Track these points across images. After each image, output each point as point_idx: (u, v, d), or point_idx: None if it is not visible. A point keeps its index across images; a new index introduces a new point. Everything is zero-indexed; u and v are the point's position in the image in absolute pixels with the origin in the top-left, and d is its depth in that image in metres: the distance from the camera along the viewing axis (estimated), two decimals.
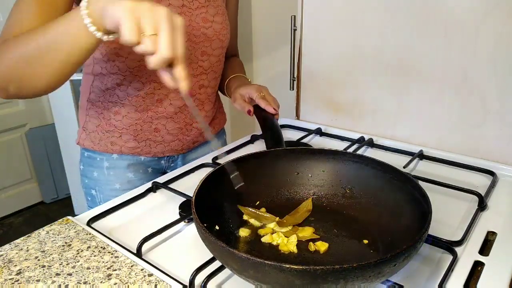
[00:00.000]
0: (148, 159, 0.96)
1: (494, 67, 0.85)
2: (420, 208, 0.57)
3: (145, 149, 0.94)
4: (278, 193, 0.72)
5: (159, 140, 0.94)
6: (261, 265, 0.45)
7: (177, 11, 0.83)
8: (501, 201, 0.76)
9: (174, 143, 0.95)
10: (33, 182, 2.49)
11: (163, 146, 0.95)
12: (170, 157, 0.99)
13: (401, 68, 0.97)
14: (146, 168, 0.98)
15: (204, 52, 0.90)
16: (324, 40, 1.09)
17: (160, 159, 0.98)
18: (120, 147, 0.93)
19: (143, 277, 0.56)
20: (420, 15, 0.91)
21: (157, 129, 0.92)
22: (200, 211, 0.55)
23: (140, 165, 0.97)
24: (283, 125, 1.14)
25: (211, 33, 0.89)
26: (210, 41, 0.90)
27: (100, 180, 0.96)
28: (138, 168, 0.97)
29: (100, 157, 0.95)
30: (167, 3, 0.82)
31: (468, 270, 0.57)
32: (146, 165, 0.98)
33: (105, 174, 0.95)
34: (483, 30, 0.84)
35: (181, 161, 1.02)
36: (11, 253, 0.62)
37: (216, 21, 0.89)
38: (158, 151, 0.95)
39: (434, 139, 0.97)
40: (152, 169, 0.99)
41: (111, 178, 0.96)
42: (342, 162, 0.71)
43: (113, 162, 0.95)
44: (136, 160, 0.96)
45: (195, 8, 0.86)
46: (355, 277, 0.45)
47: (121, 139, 0.92)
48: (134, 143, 0.93)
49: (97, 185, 0.97)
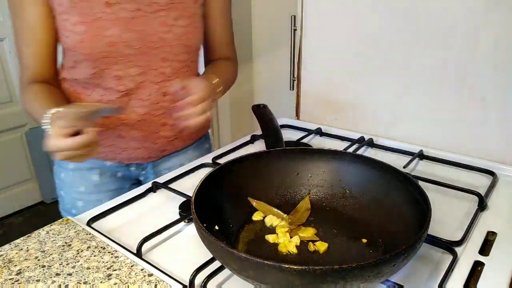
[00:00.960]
0: (115, 164, 0.94)
1: (494, 67, 0.85)
2: (420, 208, 0.57)
3: (110, 154, 0.91)
4: (278, 193, 0.72)
5: (123, 147, 0.91)
6: (261, 265, 0.45)
7: (129, 15, 0.79)
8: (501, 201, 0.76)
9: (140, 150, 0.92)
10: (33, 182, 2.49)
11: (128, 153, 0.91)
12: (139, 164, 0.96)
13: (401, 67, 0.97)
14: (113, 172, 0.95)
15: (164, 58, 0.85)
16: (324, 40, 1.09)
17: (128, 166, 0.95)
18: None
19: (143, 277, 0.57)
20: (421, 15, 0.91)
21: (121, 136, 0.89)
22: (200, 211, 0.55)
23: (106, 169, 0.94)
24: (283, 125, 1.14)
25: (170, 38, 0.83)
26: (170, 47, 0.84)
27: (67, 182, 0.95)
28: (104, 172, 0.94)
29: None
30: (119, 7, 0.78)
31: (468, 270, 0.57)
32: (113, 170, 0.95)
33: (70, 175, 0.93)
34: (483, 30, 0.84)
35: (152, 169, 0.98)
36: (11, 253, 0.62)
37: (178, 25, 0.83)
38: (124, 158, 0.92)
39: (434, 139, 0.97)
40: (123, 174, 0.97)
41: (76, 180, 0.93)
42: (342, 162, 0.71)
43: (78, 164, 0.92)
44: (101, 164, 0.93)
45: (151, 11, 0.81)
46: (355, 277, 0.45)
47: None
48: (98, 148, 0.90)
49: (64, 186, 0.95)
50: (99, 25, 0.77)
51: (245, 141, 1.05)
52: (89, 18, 0.77)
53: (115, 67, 0.82)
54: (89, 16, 0.77)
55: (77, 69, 0.84)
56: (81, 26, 0.77)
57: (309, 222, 0.66)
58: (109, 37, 0.78)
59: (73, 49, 0.80)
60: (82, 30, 0.77)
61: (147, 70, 0.84)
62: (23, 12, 0.78)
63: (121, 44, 0.79)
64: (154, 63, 0.84)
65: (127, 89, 0.84)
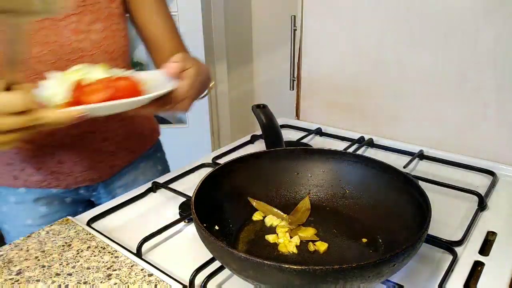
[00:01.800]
0: (61, 191, 0.85)
1: (494, 67, 0.85)
2: (420, 208, 0.57)
3: (53, 182, 0.83)
4: (278, 193, 0.72)
5: (66, 172, 0.82)
6: (261, 265, 0.45)
7: (35, 27, 0.69)
8: (501, 201, 0.76)
9: (86, 173, 0.84)
10: None
11: (74, 177, 0.83)
12: (88, 187, 0.88)
13: (401, 67, 0.97)
14: (62, 199, 0.87)
15: None
16: (324, 40, 1.09)
17: (77, 190, 0.87)
18: (25, 181, 0.82)
19: (143, 277, 0.57)
20: (420, 14, 0.91)
21: (61, 161, 0.81)
22: (200, 211, 0.55)
23: (53, 197, 0.86)
24: (283, 125, 1.14)
25: (88, 46, 0.73)
26: (90, 56, 0.74)
27: (10, 215, 0.86)
28: (51, 201, 0.86)
29: (6, 192, 0.84)
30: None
31: (468, 270, 0.57)
32: (61, 196, 0.87)
33: (13, 209, 0.85)
34: (483, 30, 0.84)
35: (104, 189, 0.90)
36: (11, 253, 0.62)
37: (94, 30, 0.73)
38: (70, 183, 0.84)
39: (434, 139, 0.97)
40: (72, 199, 0.88)
41: (20, 213, 0.85)
42: (342, 162, 0.71)
43: (20, 196, 0.84)
44: (46, 193, 0.84)
45: (60, 19, 0.70)
46: (355, 277, 0.45)
47: (24, 173, 0.81)
48: (39, 177, 0.82)
49: (8, 220, 0.87)
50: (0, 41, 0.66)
51: (245, 141, 1.04)
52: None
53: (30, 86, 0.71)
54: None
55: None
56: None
57: (309, 222, 0.66)
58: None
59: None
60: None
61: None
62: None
63: (31, 60, 0.69)
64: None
65: None
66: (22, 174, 0.81)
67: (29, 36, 0.68)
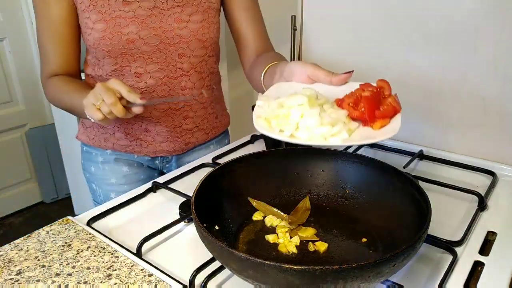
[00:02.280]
0: (141, 157, 0.97)
1: (494, 67, 0.85)
2: (420, 208, 0.57)
3: (136, 148, 0.95)
4: (278, 193, 0.72)
5: (149, 140, 0.94)
6: (261, 265, 0.45)
7: (146, 13, 0.82)
8: (501, 201, 0.76)
9: (165, 144, 0.95)
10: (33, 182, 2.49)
11: (154, 146, 0.95)
12: (163, 157, 0.99)
13: (401, 68, 0.97)
14: (140, 164, 0.99)
15: (182, 54, 0.87)
16: (324, 40, 1.09)
17: (153, 159, 0.99)
18: (113, 144, 0.95)
19: (143, 277, 0.57)
20: (421, 15, 0.91)
21: (147, 130, 0.93)
22: (200, 211, 0.55)
23: (133, 161, 0.98)
24: None
25: (186, 34, 0.86)
26: (187, 42, 0.87)
27: (97, 175, 0.99)
28: (131, 163, 0.98)
29: (96, 152, 0.97)
30: (137, 5, 0.81)
31: (468, 270, 0.57)
32: (140, 162, 0.99)
33: (100, 168, 0.98)
34: (483, 31, 0.84)
35: (175, 162, 1.01)
36: (11, 253, 0.62)
37: (193, 21, 0.86)
38: (150, 151, 0.96)
39: (434, 139, 0.97)
40: (148, 166, 1.01)
41: (106, 172, 0.98)
42: (342, 162, 0.71)
43: (107, 157, 0.97)
44: (128, 157, 0.97)
45: (167, 8, 0.84)
46: (355, 277, 0.45)
47: (114, 137, 0.94)
48: (125, 141, 0.94)
49: (96, 179, 1.00)
50: (117, 23, 0.81)
51: (245, 141, 1.05)
52: (108, 17, 0.81)
53: (134, 64, 0.85)
54: (108, 15, 0.81)
55: (99, 66, 0.88)
56: (101, 24, 0.81)
57: (309, 222, 0.66)
58: (127, 34, 0.82)
59: (94, 46, 0.83)
60: (102, 27, 0.81)
61: (165, 66, 0.87)
62: (48, 9, 0.82)
63: (139, 41, 0.83)
64: (171, 59, 0.87)
65: (147, 85, 0.87)
66: (111, 137, 0.95)
67: (141, 20, 0.82)
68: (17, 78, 2.25)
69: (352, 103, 0.63)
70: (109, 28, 0.81)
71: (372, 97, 0.62)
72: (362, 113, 0.61)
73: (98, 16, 0.80)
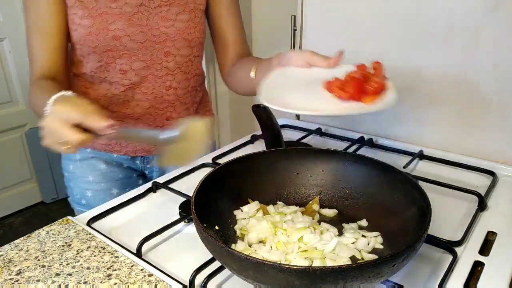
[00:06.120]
0: (121, 157, 0.97)
1: (494, 67, 0.85)
2: (420, 208, 0.57)
3: (116, 147, 0.95)
4: (278, 193, 0.72)
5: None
6: (261, 265, 0.45)
7: (133, 10, 0.82)
8: (501, 201, 0.76)
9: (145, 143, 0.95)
10: (33, 182, 2.49)
11: (134, 145, 0.95)
12: (144, 157, 0.99)
13: (401, 68, 0.97)
14: (119, 163, 0.99)
15: (168, 53, 0.88)
16: (324, 40, 1.09)
17: (134, 159, 0.99)
18: (92, 143, 0.93)
19: (143, 277, 0.57)
20: (421, 15, 0.91)
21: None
22: (200, 211, 0.55)
23: (112, 160, 0.98)
24: (283, 125, 1.14)
25: (172, 32, 0.86)
26: (173, 41, 0.87)
27: (75, 173, 0.98)
28: (110, 162, 0.98)
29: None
30: (123, 2, 0.81)
31: (468, 270, 0.57)
32: (119, 162, 0.99)
33: (78, 166, 0.97)
34: (483, 31, 0.84)
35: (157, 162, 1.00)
36: (11, 253, 0.62)
37: (179, 20, 0.86)
38: (129, 150, 0.96)
39: (434, 139, 0.97)
40: (128, 166, 1.00)
41: (84, 170, 0.97)
42: (342, 162, 0.71)
43: (85, 155, 0.96)
44: (108, 156, 0.97)
45: (154, 6, 0.84)
46: (354, 277, 0.45)
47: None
48: (105, 140, 0.94)
49: (73, 177, 0.99)
50: (104, 19, 0.81)
51: (245, 141, 1.05)
52: (95, 13, 0.81)
53: (120, 61, 0.85)
54: (95, 11, 0.81)
55: (83, 64, 0.87)
56: (88, 20, 0.81)
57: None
58: (113, 30, 0.82)
59: (81, 42, 0.83)
60: (88, 23, 0.81)
61: (150, 64, 0.87)
62: (36, 7, 0.82)
63: (125, 38, 0.83)
64: (157, 57, 0.87)
65: (131, 83, 0.87)
66: None
67: (127, 17, 0.82)
68: (17, 78, 2.25)
69: (340, 84, 0.68)
70: (95, 24, 0.81)
71: (359, 77, 0.67)
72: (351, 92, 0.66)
73: (85, 12, 0.80)
